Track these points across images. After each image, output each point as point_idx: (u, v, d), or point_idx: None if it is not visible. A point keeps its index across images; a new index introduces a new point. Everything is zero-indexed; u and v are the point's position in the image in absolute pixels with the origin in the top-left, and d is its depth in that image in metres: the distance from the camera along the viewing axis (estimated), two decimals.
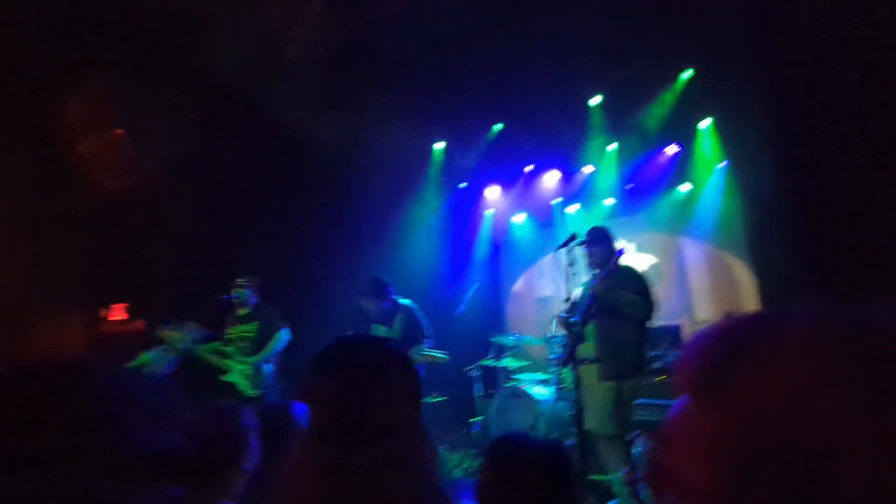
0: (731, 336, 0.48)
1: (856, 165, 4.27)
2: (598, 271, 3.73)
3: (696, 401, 0.47)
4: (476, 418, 5.75)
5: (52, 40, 4.58)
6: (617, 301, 3.55)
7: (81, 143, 5.40)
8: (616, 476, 3.68)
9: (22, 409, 0.62)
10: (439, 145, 7.39)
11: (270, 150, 5.98)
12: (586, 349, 3.63)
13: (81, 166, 5.29)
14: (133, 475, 0.62)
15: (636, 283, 3.69)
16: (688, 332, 5.97)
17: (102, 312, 5.85)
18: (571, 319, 3.55)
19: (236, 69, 5.07)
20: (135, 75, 4.96)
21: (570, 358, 3.76)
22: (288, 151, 6.06)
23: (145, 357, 3.62)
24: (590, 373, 3.58)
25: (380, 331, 4.61)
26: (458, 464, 5.21)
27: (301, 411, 1.93)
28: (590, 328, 3.66)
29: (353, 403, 0.94)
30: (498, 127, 6.98)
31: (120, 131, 5.66)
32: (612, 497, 3.69)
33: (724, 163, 6.44)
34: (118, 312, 6.02)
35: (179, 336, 4.39)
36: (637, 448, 3.75)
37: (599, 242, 3.73)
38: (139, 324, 5.97)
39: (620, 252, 3.71)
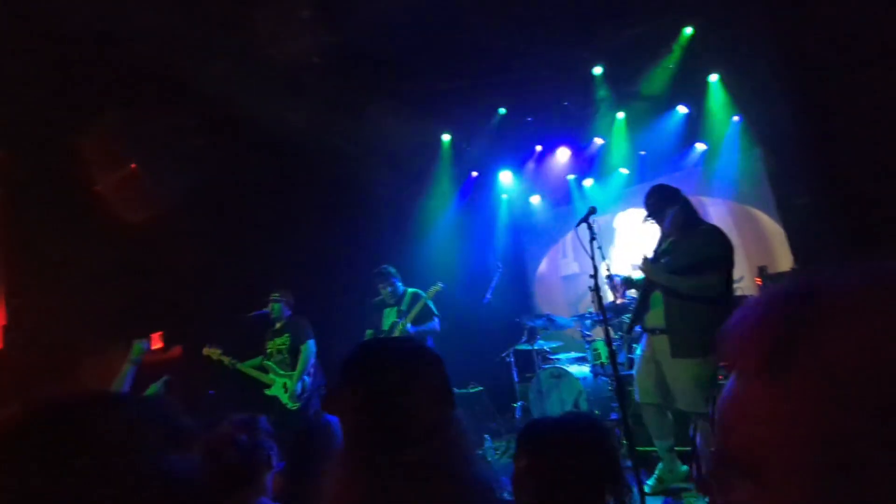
0: (789, 304, 0.41)
1: (874, 105, 4.13)
2: (661, 239, 3.46)
3: (762, 381, 0.41)
4: (517, 403, 5.76)
5: (56, 83, 4.68)
6: (675, 288, 3.23)
7: (100, 181, 5.53)
8: (662, 443, 3.59)
9: (44, 447, 0.62)
10: (446, 137, 7.37)
11: (281, 160, 6.04)
12: (655, 318, 3.37)
13: (105, 207, 5.41)
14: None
15: (707, 252, 3.19)
16: None
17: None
18: (618, 279, 3.39)
19: (236, 82, 5.12)
20: (138, 108, 5.06)
21: (633, 324, 3.54)
22: (298, 160, 6.11)
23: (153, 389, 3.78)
24: (661, 345, 3.33)
25: (392, 313, 4.83)
26: (504, 451, 5.23)
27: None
28: (657, 296, 3.39)
29: (384, 411, 0.92)
30: (502, 111, 6.93)
31: (133, 166, 5.77)
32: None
33: (737, 117, 6.30)
34: (156, 342, 6.17)
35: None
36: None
37: (673, 202, 3.38)
38: (177, 350, 6.12)
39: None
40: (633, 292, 3.86)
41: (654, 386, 3.41)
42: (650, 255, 3.49)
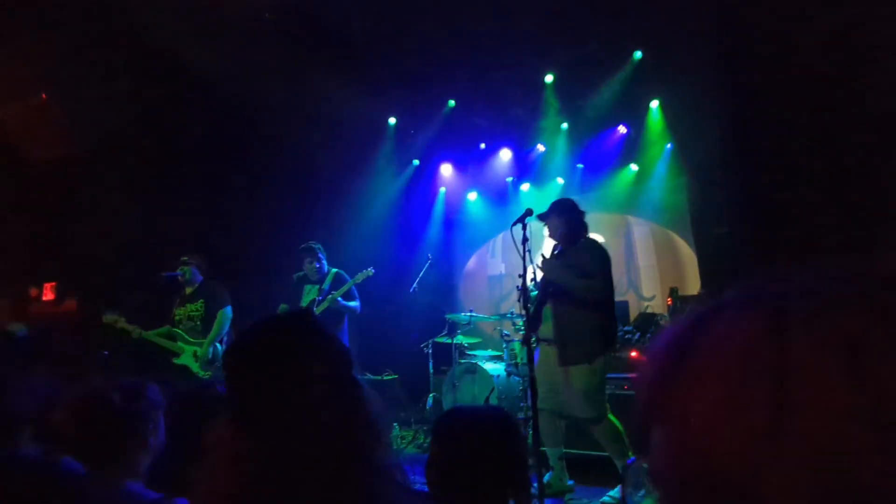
0: (669, 349, 0.42)
1: (800, 150, 4.46)
2: (554, 246, 3.67)
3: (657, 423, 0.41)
4: (429, 394, 5.79)
5: None
6: (568, 287, 3.48)
7: (2, 108, 4.98)
8: (553, 451, 3.74)
9: None
10: (392, 120, 7.27)
11: (217, 120, 5.70)
12: (546, 330, 3.58)
13: (6, 136, 4.89)
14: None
15: (590, 262, 3.52)
16: (634, 308, 6.18)
17: (34, 292, 5.49)
18: (524, 300, 3.48)
19: (179, 35, 4.77)
20: (63, 35, 4.59)
21: (528, 337, 3.70)
22: (236, 123, 5.80)
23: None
24: (551, 355, 3.53)
25: (313, 291, 4.70)
26: (411, 440, 5.24)
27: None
28: (546, 310, 3.61)
29: (263, 386, 0.92)
30: (452, 103, 6.91)
31: (43, 96, 5.24)
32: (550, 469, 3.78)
33: (670, 144, 6.64)
34: (48, 292, 5.67)
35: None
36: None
37: (565, 214, 3.61)
38: (70, 304, 5.65)
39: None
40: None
41: (546, 392, 3.52)
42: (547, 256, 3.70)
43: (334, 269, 4.83)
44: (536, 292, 3.72)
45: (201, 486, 0.91)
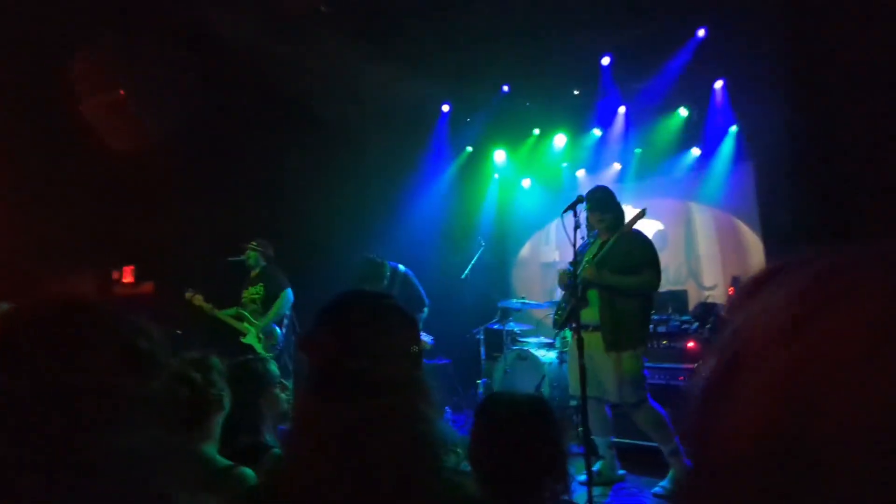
0: (792, 283, 0.39)
1: (869, 134, 4.18)
2: (606, 235, 3.60)
3: (749, 359, 0.38)
4: (481, 380, 5.85)
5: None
6: (623, 287, 3.44)
7: (84, 104, 5.36)
8: (602, 440, 3.73)
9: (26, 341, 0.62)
10: (445, 108, 7.29)
11: (275, 110, 5.92)
12: (589, 315, 3.53)
13: (88, 129, 5.27)
14: (121, 416, 0.64)
15: (642, 254, 3.52)
16: (693, 298, 5.98)
17: (115, 274, 5.93)
18: (571, 281, 3.43)
19: (238, 28, 4.98)
20: (135, 34, 4.89)
21: (569, 320, 3.69)
22: (293, 112, 6.00)
23: None
24: (594, 341, 3.51)
25: None
26: (463, 424, 5.33)
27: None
28: (592, 294, 3.57)
29: (349, 356, 0.94)
30: (506, 89, 6.86)
31: (122, 92, 5.61)
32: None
33: (735, 127, 6.32)
34: (128, 275, 6.09)
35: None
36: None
37: (606, 206, 3.59)
38: (148, 286, 6.06)
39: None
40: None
41: (591, 380, 3.47)
42: (588, 258, 3.60)
43: (401, 271, 4.71)
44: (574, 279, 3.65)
45: (289, 456, 0.97)
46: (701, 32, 5.66)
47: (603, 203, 3.59)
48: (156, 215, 5.47)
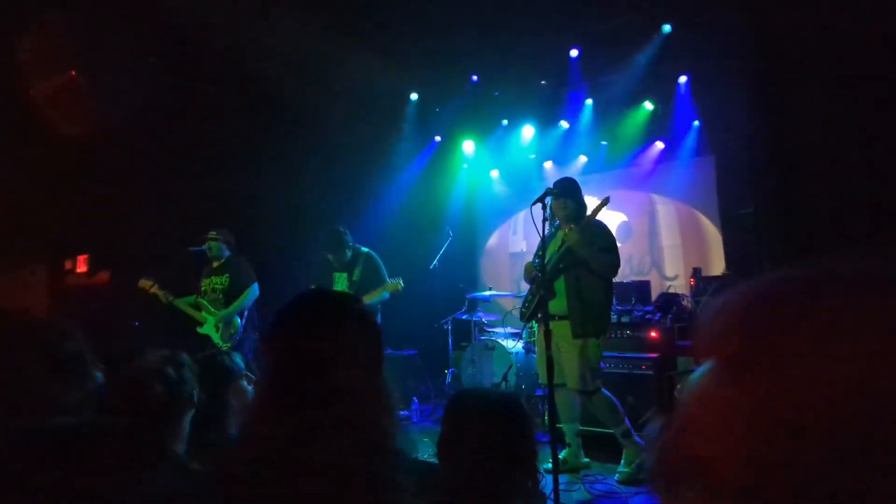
0: (785, 295, 0.39)
1: (830, 129, 4.32)
2: (566, 225, 3.66)
3: (735, 370, 0.38)
4: (448, 369, 5.88)
5: None
6: (591, 257, 3.53)
7: (34, 86, 5.10)
8: (569, 427, 3.82)
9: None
10: (414, 96, 7.23)
11: (240, 95, 5.75)
12: (557, 305, 3.59)
13: (39, 112, 5.01)
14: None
15: (606, 239, 3.65)
16: (656, 288, 6.13)
17: (68, 264, 5.69)
18: (538, 273, 3.48)
19: (204, 10, 4.79)
20: (88, 13, 4.66)
21: (536, 312, 3.75)
22: (258, 99, 5.84)
23: None
24: (562, 329, 3.57)
25: (342, 279, 4.64)
26: (430, 413, 5.35)
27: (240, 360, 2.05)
28: (559, 284, 3.63)
29: (302, 363, 0.92)
30: (474, 78, 6.83)
31: (73, 73, 5.34)
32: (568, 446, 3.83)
33: (698, 122, 6.47)
34: (82, 265, 5.86)
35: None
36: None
37: (572, 194, 3.69)
38: (103, 276, 5.84)
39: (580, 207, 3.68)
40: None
41: (556, 369, 3.56)
42: (552, 249, 3.68)
43: (363, 250, 4.70)
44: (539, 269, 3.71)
45: (237, 453, 0.95)
46: (667, 28, 5.75)
47: (569, 190, 3.69)
48: (111, 203, 5.26)
